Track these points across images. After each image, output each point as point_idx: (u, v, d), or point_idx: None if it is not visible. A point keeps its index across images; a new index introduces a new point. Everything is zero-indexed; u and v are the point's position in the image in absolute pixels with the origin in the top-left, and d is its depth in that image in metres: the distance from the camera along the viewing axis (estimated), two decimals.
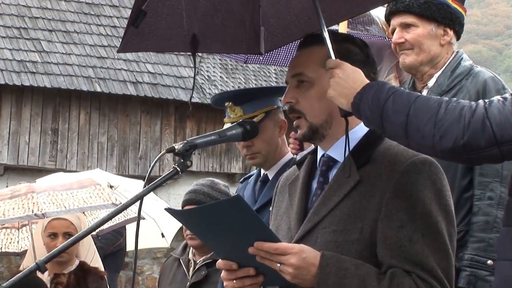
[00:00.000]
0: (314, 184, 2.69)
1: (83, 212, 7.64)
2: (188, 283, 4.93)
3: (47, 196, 6.95)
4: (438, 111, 2.35)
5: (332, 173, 2.64)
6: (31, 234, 6.69)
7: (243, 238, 2.44)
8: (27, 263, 6.20)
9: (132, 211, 7.58)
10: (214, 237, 2.56)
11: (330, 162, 2.67)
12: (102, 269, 5.79)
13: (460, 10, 4.00)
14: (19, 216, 6.82)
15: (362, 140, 2.62)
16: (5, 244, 8.02)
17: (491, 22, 64.42)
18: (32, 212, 6.67)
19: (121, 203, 7.09)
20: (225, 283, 2.56)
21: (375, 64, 2.75)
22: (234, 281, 2.53)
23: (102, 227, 7.94)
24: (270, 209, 2.93)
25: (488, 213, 3.76)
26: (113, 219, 7.97)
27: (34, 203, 6.79)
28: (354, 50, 2.68)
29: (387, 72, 5.32)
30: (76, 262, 5.53)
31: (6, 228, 7.98)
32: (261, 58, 6.18)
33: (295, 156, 4.17)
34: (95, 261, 5.80)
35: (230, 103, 4.07)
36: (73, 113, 15.27)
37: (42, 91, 14.86)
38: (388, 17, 4.07)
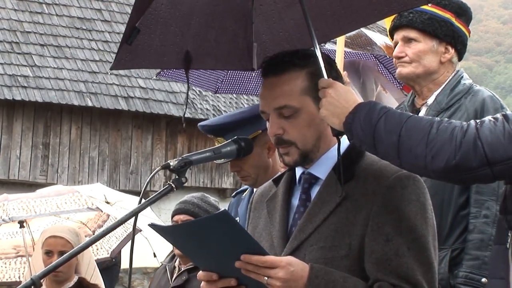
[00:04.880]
0: (295, 201, 2.69)
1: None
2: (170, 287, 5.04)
3: (18, 203, 7.35)
4: (430, 131, 2.36)
5: (314, 191, 2.65)
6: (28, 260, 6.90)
7: (229, 252, 2.44)
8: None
9: (131, 225, 7.64)
10: (198, 251, 2.56)
11: (312, 179, 2.67)
12: (103, 286, 5.77)
13: (464, 30, 4.04)
14: None
15: (344, 156, 2.61)
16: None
17: (481, 38, 64.66)
18: (0, 218, 6.98)
19: (97, 207, 7.35)
20: None
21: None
22: None
23: (113, 247, 8.14)
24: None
25: (483, 231, 3.77)
26: (118, 236, 8.16)
27: (4, 210, 7.23)
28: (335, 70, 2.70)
29: (374, 85, 5.38)
30: (75, 278, 5.52)
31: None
32: (232, 87, 6.34)
33: None
34: (95, 277, 5.78)
35: (212, 135, 4.05)
36: (64, 127, 15.25)
37: (33, 106, 14.85)
38: (392, 32, 4.13)
